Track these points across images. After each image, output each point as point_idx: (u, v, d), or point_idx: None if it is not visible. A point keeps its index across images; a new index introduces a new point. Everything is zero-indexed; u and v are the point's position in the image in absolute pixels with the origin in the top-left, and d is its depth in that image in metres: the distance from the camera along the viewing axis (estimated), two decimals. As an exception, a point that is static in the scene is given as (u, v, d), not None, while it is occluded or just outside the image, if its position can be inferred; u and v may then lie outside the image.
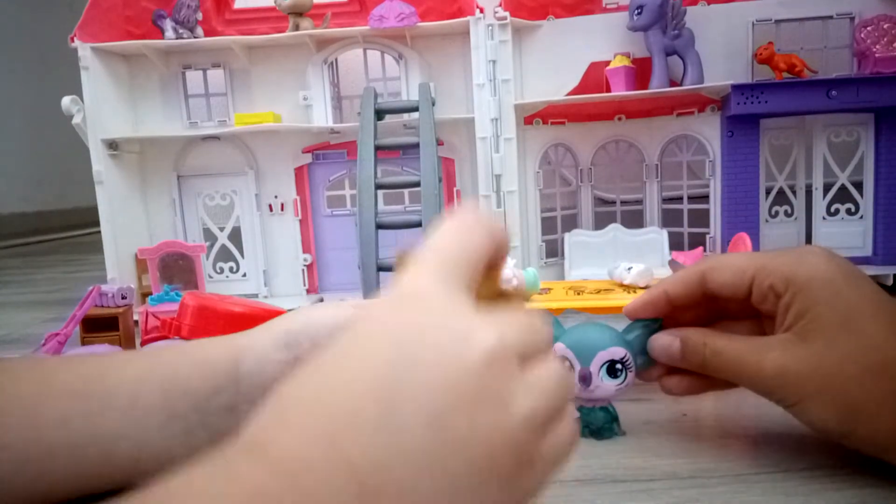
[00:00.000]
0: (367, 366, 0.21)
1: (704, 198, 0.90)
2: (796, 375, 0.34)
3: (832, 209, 0.87)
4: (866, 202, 0.85)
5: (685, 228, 0.92)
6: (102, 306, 0.70)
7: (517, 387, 0.23)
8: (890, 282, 0.81)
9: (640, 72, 0.85)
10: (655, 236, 0.87)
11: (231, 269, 0.95)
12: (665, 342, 0.40)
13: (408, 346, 0.21)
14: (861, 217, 0.86)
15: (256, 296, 0.94)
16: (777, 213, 0.88)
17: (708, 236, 0.89)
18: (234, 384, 0.37)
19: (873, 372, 0.33)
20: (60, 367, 0.37)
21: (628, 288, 0.57)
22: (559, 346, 0.43)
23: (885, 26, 0.80)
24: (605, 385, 0.42)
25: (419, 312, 0.23)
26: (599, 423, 0.43)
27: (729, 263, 0.38)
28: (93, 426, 0.35)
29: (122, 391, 0.36)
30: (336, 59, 0.91)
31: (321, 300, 0.85)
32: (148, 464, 0.37)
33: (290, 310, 0.44)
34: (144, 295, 0.83)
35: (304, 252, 0.95)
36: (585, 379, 0.42)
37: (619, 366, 0.41)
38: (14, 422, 0.34)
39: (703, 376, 0.40)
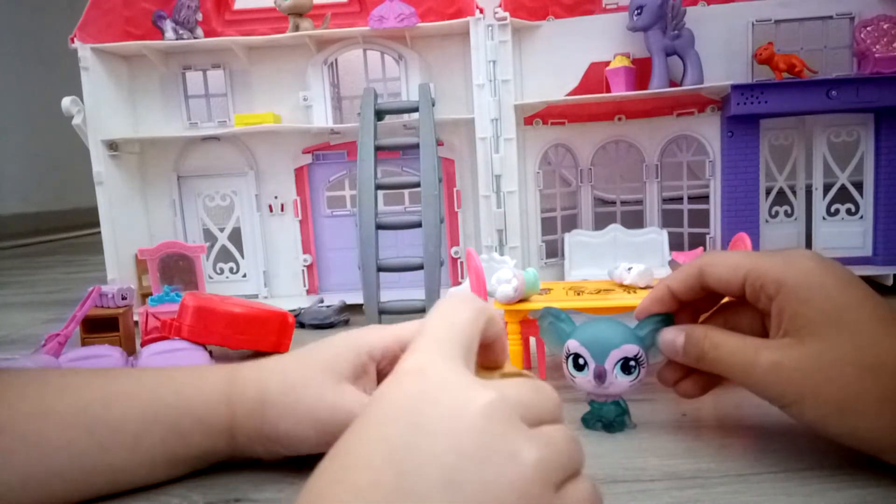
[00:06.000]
0: (380, 440, 0.23)
1: (704, 198, 0.90)
2: (791, 375, 0.35)
3: (832, 209, 0.87)
4: (866, 202, 0.85)
5: (685, 229, 0.92)
6: (103, 307, 0.70)
7: (523, 438, 0.23)
8: (890, 282, 0.81)
9: (640, 72, 0.85)
10: (655, 237, 0.87)
11: (231, 270, 0.95)
12: (671, 336, 0.41)
13: (414, 416, 0.23)
14: (861, 217, 0.86)
15: (256, 296, 0.94)
16: (777, 213, 0.88)
17: (708, 236, 0.89)
18: (232, 451, 0.40)
19: (870, 371, 0.33)
20: (63, 390, 0.38)
21: (628, 288, 0.57)
22: (572, 342, 0.43)
23: (885, 26, 0.80)
24: (619, 381, 0.42)
25: (420, 385, 0.25)
26: (611, 417, 0.43)
27: (724, 259, 0.39)
28: (101, 458, 0.36)
29: (127, 429, 0.37)
30: (336, 60, 0.91)
31: (321, 301, 0.85)
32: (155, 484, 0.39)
33: (293, 310, 0.45)
34: (144, 295, 0.83)
35: (304, 252, 0.95)
36: (600, 376, 0.42)
37: (632, 363, 0.42)
38: (17, 441, 0.34)
39: (713, 374, 0.40)
